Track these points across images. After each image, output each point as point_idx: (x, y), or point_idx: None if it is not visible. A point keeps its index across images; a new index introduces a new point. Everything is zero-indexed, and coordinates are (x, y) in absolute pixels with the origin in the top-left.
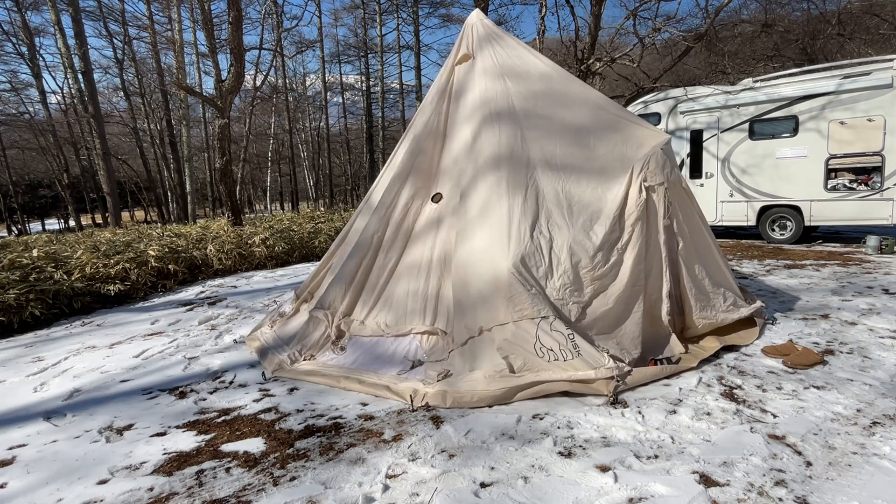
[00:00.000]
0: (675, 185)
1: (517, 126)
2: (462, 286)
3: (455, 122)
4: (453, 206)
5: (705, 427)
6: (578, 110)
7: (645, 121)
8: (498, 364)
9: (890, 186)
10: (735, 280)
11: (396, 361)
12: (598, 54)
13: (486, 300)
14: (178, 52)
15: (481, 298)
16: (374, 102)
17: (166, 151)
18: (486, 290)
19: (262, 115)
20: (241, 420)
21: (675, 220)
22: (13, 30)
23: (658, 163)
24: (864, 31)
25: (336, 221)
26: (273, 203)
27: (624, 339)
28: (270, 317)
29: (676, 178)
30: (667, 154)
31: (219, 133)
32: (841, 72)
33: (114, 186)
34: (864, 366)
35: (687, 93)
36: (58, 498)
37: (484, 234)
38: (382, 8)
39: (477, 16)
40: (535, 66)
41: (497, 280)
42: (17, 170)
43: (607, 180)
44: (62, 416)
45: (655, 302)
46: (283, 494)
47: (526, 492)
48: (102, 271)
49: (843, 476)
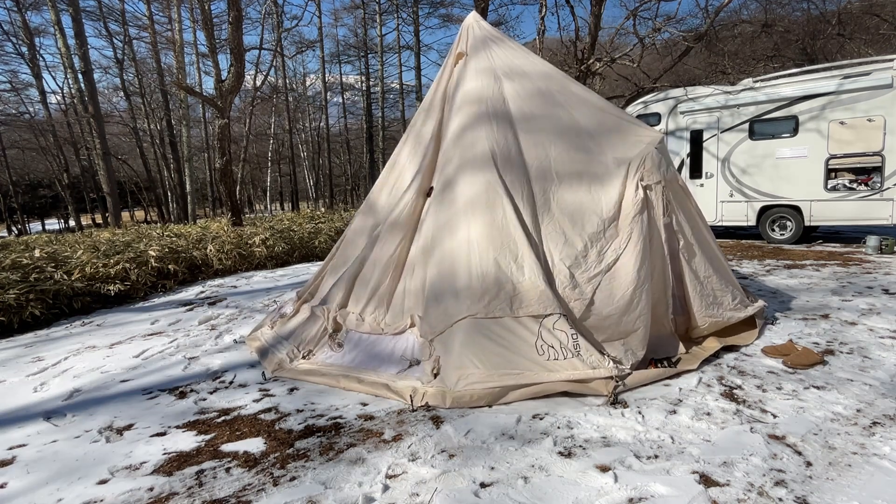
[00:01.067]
0: (671, 182)
1: (511, 126)
2: (447, 275)
3: (449, 118)
4: (436, 193)
5: (705, 427)
6: (574, 111)
7: (639, 120)
8: (496, 362)
9: (890, 186)
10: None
11: (395, 360)
12: (598, 54)
13: (475, 292)
14: (178, 52)
15: (468, 290)
16: (374, 102)
17: (166, 151)
18: (476, 284)
19: (262, 115)
20: (241, 420)
21: (675, 217)
22: (13, 30)
23: (654, 161)
24: (864, 31)
25: (336, 221)
26: (273, 203)
27: (632, 340)
28: (271, 317)
29: (673, 176)
30: (662, 152)
31: (219, 133)
32: (841, 72)
33: (114, 186)
34: (864, 366)
35: (687, 93)
36: (58, 498)
37: (475, 229)
38: (382, 8)
39: (473, 17)
40: (530, 66)
41: (491, 275)
42: (17, 170)
43: (603, 180)
44: (62, 416)
45: (658, 301)
46: (283, 494)
47: (526, 492)
48: (102, 271)
49: (843, 476)
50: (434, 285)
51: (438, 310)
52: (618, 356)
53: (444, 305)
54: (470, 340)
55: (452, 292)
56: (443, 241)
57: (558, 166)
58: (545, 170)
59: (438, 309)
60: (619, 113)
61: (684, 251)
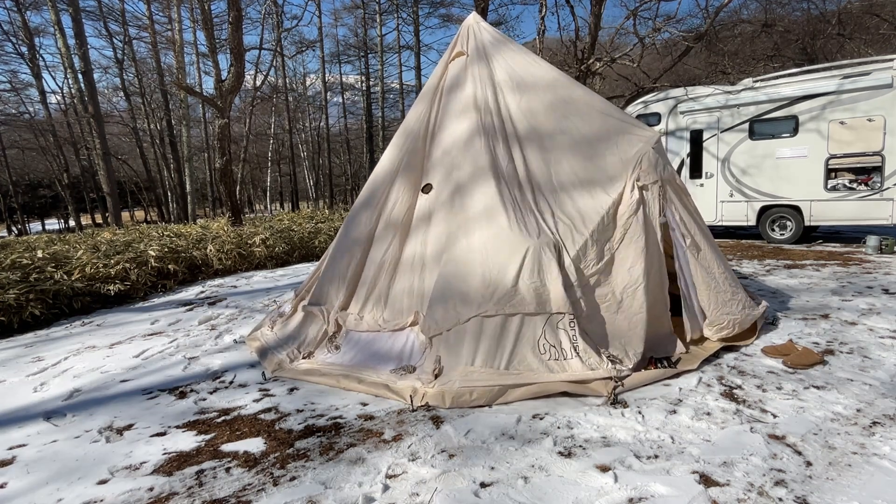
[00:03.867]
0: (669, 182)
1: (517, 138)
2: (456, 277)
3: (447, 116)
4: (444, 198)
5: (705, 427)
6: (579, 119)
7: (637, 120)
8: (496, 361)
9: (890, 186)
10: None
11: (394, 358)
12: (598, 54)
13: (484, 294)
14: (178, 52)
15: (478, 292)
16: (374, 102)
17: (166, 151)
18: (485, 286)
19: (262, 115)
20: (241, 420)
21: (679, 215)
22: (13, 30)
23: (650, 161)
24: (864, 31)
25: (336, 221)
26: (273, 203)
27: (631, 340)
28: (270, 317)
29: (670, 176)
30: (658, 152)
31: (219, 133)
32: (841, 72)
33: (114, 186)
34: (864, 366)
35: (687, 93)
36: (58, 498)
37: (485, 234)
38: (382, 8)
39: (474, 18)
40: (534, 74)
41: (500, 278)
42: (17, 170)
43: (604, 184)
44: (62, 416)
45: (656, 300)
46: (283, 494)
47: (526, 492)
48: (102, 271)
49: (843, 476)
50: (442, 286)
51: (445, 308)
52: (618, 356)
53: (451, 305)
54: (473, 339)
55: (461, 293)
56: (453, 246)
57: (564, 176)
58: (552, 179)
59: (446, 308)
60: (621, 115)
61: (691, 250)
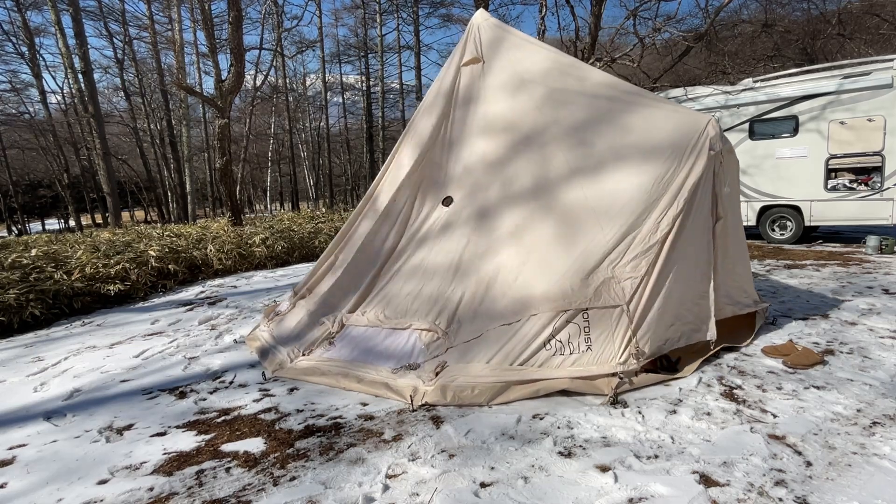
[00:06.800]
0: (729, 153)
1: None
2: (483, 298)
3: (466, 130)
4: (467, 215)
5: (705, 427)
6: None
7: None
8: (498, 356)
9: (890, 186)
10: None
11: (394, 355)
12: (598, 54)
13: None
14: (178, 52)
15: (501, 313)
16: (374, 102)
17: (166, 151)
18: (511, 306)
19: (262, 115)
20: (241, 420)
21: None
22: (13, 30)
23: (717, 130)
24: (864, 31)
25: (336, 221)
26: (273, 203)
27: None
28: (267, 315)
29: (730, 147)
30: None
31: (219, 133)
32: (841, 72)
33: (114, 186)
34: (864, 366)
35: (687, 93)
36: (58, 498)
37: (515, 256)
38: (382, 8)
39: (482, 16)
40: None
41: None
42: (17, 170)
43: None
44: (62, 416)
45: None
46: (283, 494)
47: (526, 492)
48: (102, 271)
49: (843, 476)
50: (471, 307)
51: (473, 327)
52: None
53: (478, 323)
54: (485, 343)
55: (488, 313)
56: (481, 267)
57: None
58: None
59: (472, 326)
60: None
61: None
